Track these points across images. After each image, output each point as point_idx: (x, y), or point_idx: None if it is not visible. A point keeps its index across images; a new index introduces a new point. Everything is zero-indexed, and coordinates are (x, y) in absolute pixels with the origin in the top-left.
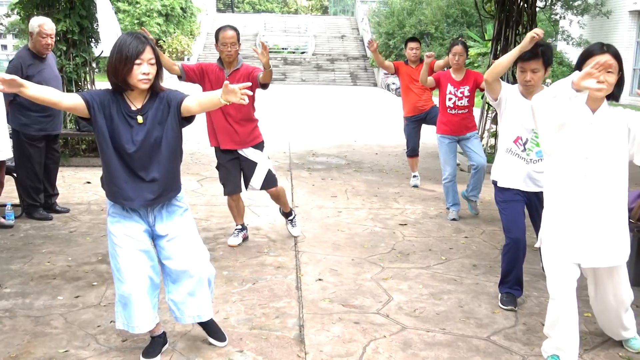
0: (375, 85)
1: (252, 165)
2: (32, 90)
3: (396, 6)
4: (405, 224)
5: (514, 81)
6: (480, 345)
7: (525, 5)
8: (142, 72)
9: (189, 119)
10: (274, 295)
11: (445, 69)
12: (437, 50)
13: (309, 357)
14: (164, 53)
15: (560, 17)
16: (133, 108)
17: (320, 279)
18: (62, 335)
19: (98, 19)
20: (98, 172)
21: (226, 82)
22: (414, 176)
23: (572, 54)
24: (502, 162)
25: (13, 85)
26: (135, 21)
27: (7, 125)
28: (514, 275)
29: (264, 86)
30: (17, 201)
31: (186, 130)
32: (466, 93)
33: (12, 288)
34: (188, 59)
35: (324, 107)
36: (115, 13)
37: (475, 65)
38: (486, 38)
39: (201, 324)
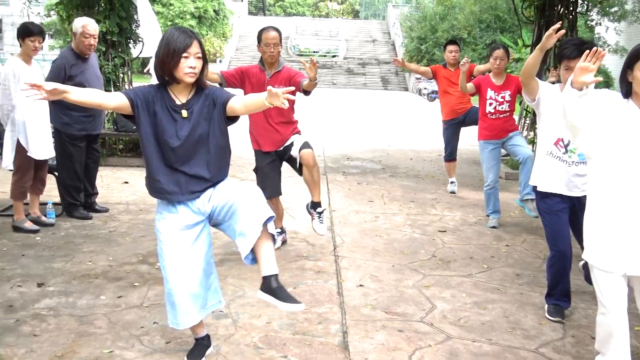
0: (406, 89)
1: (291, 144)
2: (75, 95)
3: (428, 11)
4: (445, 231)
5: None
6: (528, 358)
7: (566, 11)
8: (188, 65)
9: (233, 119)
10: (316, 301)
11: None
12: (469, 56)
13: None
14: None
15: (596, 24)
16: (178, 102)
17: (361, 285)
18: (106, 335)
19: (139, 20)
20: (136, 172)
21: (269, 87)
22: (451, 182)
23: (609, 61)
24: (543, 165)
25: (55, 93)
26: (169, 23)
27: (50, 125)
28: (561, 288)
29: (307, 93)
30: (57, 200)
31: None
32: (507, 98)
33: (56, 287)
34: (220, 61)
35: (355, 111)
36: None
37: (508, 71)
38: (520, 44)
39: (270, 292)
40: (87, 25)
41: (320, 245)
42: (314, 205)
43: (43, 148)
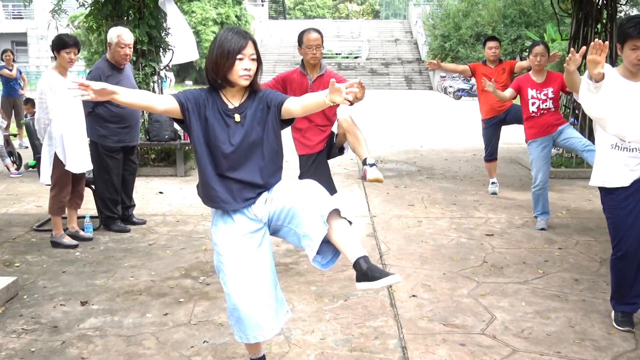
0: (430, 88)
1: (332, 137)
2: (124, 96)
3: (451, 8)
4: (492, 235)
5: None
6: None
7: (605, 2)
8: (243, 67)
9: (287, 122)
10: (369, 313)
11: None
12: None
13: None
14: None
15: (625, 15)
16: (230, 106)
17: (414, 295)
18: (156, 356)
19: (170, 27)
20: (169, 182)
21: (332, 80)
22: (493, 183)
23: None
24: (606, 160)
25: (104, 93)
26: (192, 30)
27: (86, 138)
28: (627, 293)
29: (351, 103)
30: (95, 213)
31: None
32: (550, 95)
33: (100, 305)
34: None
35: (381, 112)
36: None
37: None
38: (546, 38)
39: (364, 276)
40: (122, 35)
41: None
42: (364, 162)
43: (81, 161)
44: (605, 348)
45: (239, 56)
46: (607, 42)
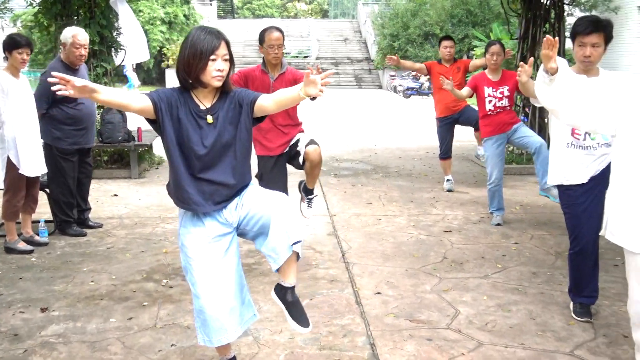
0: (380, 87)
1: (296, 143)
2: (104, 95)
3: (400, 8)
4: (450, 231)
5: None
6: None
7: (553, 2)
8: (216, 68)
9: (260, 119)
10: (335, 312)
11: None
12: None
13: None
14: (168, 61)
15: (567, 14)
16: (202, 107)
17: (378, 292)
18: None
19: (121, 27)
20: (123, 184)
21: (307, 71)
22: (448, 180)
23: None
24: (563, 159)
25: (84, 91)
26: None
27: (40, 140)
28: (584, 286)
29: (313, 98)
30: (49, 217)
31: None
32: (506, 93)
33: (60, 311)
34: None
35: (333, 111)
36: None
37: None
38: (492, 38)
39: (284, 303)
40: (77, 35)
41: (328, 252)
42: (308, 192)
43: (35, 164)
44: (566, 338)
45: (212, 57)
46: (557, 38)
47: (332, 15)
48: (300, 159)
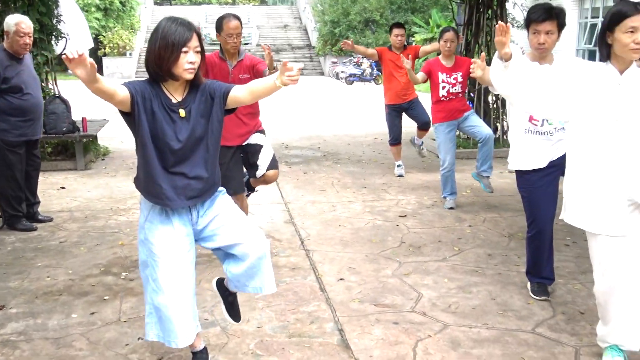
0: (322, 74)
1: (257, 149)
2: (101, 82)
3: None
4: (405, 216)
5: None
6: (529, 340)
7: None
8: (188, 60)
9: (231, 110)
10: (301, 299)
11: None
12: (383, 37)
13: None
14: (105, 49)
15: (507, 1)
16: (174, 101)
17: (341, 279)
18: (90, 357)
19: (61, 15)
20: (70, 176)
21: (285, 60)
22: (398, 165)
23: (517, 36)
24: (521, 145)
25: (91, 73)
26: None
27: None
28: (542, 267)
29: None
30: None
31: None
32: (459, 79)
33: (19, 308)
34: (130, 54)
35: (277, 98)
36: None
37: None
38: (431, 24)
39: (222, 297)
40: (20, 23)
41: (287, 240)
42: (250, 189)
43: None
44: (526, 317)
45: (184, 49)
46: (509, 24)
47: (270, 2)
48: (258, 173)
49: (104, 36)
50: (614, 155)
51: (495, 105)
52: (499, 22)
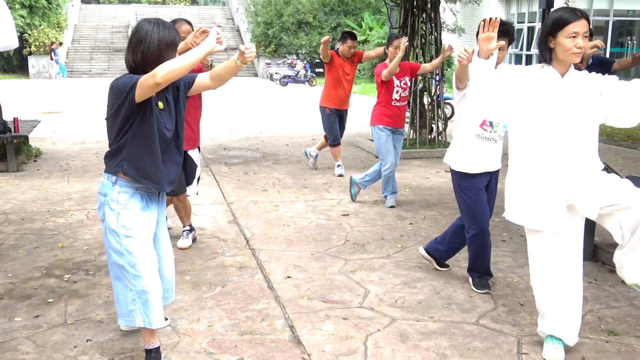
0: (256, 75)
1: (193, 167)
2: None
3: None
4: (348, 214)
5: None
6: (473, 331)
7: None
8: (174, 57)
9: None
10: (250, 297)
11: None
12: (316, 39)
13: (314, 359)
14: (30, 47)
15: (437, 5)
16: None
17: (289, 277)
18: None
19: None
20: (1, 178)
21: (241, 45)
22: (338, 165)
23: (447, 39)
24: (469, 148)
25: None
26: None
27: None
28: (484, 262)
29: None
30: None
31: None
32: (408, 83)
33: None
34: (56, 53)
35: (212, 99)
36: None
37: None
38: (364, 26)
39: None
40: None
41: (232, 239)
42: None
43: None
44: (470, 310)
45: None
46: (497, 18)
47: (202, 2)
48: (190, 189)
49: (29, 34)
50: (555, 155)
51: (430, 107)
52: (489, 17)
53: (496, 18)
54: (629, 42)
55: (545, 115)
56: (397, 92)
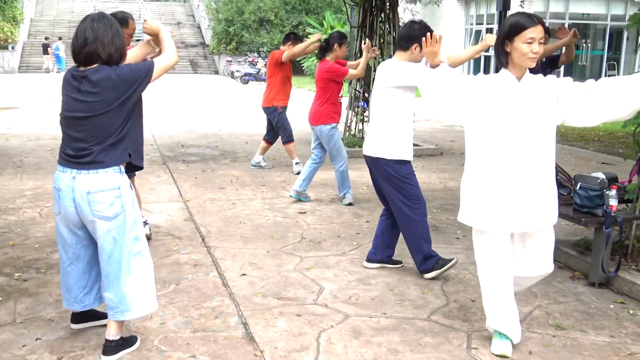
0: (216, 72)
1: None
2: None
3: None
4: (305, 212)
5: None
6: (425, 327)
7: None
8: None
9: None
10: (204, 295)
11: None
12: (278, 38)
13: (267, 355)
14: None
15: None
16: None
17: (244, 274)
18: None
19: None
20: None
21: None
22: (296, 163)
23: None
24: (407, 138)
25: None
26: None
27: None
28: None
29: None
30: None
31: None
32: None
33: None
34: (12, 48)
35: (171, 96)
36: None
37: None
38: (325, 25)
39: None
40: None
41: (187, 237)
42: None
43: None
44: (422, 306)
45: None
46: (441, 35)
47: None
48: None
49: None
50: (510, 158)
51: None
52: (432, 33)
53: (438, 36)
54: (584, 44)
55: (502, 118)
56: (341, 89)
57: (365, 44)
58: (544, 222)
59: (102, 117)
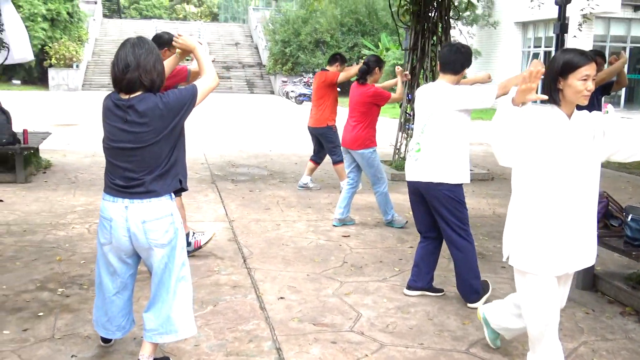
0: (272, 93)
1: None
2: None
3: (291, 14)
4: (349, 236)
5: None
6: (462, 359)
7: (440, 17)
8: None
9: None
10: (240, 317)
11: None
12: None
13: None
14: (51, 60)
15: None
16: None
17: (282, 297)
18: None
19: (3, 24)
20: (8, 189)
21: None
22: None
23: None
24: (465, 160)
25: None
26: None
27: None
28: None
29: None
30: None
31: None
32: None
33: None
34: (77, 66)
35: (226, 116)
36: None
37: None
38: (381, 47)
39: None
40: None
41: (229, 257)
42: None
43: None
44: (461, 337)
45: None
46: (542, 69)
47: (222, 19)
48: None
49: (50, 47)
50: (562, 197)
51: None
52: (536, 66)
53: (541, 69)
54: None
55: (554, 158)
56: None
57: (398, 69)
58: (589, 261)
59: (152, 147)
